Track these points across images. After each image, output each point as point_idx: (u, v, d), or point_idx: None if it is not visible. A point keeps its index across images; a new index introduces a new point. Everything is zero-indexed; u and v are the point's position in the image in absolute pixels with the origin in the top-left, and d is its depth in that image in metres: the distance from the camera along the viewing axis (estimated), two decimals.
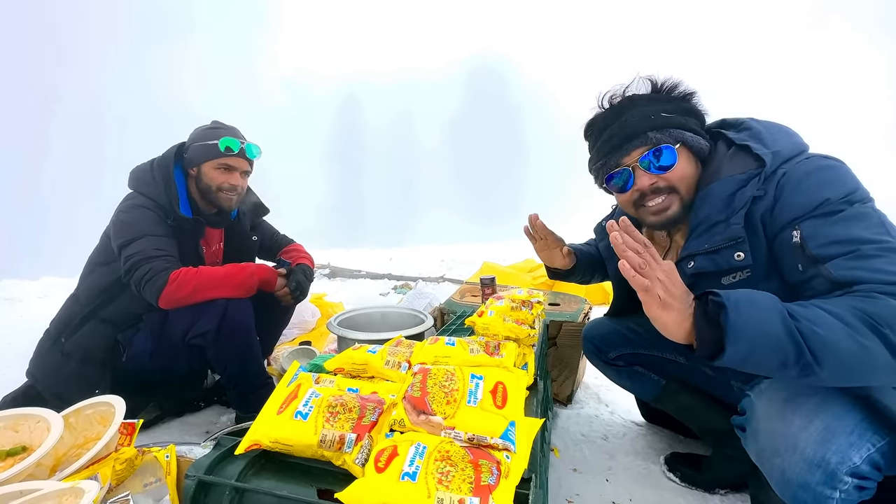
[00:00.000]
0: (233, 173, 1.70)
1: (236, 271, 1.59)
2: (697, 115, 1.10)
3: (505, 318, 1.09)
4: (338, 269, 5.73)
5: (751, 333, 0.73)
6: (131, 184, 1.67)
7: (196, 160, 1.69)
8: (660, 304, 0.78)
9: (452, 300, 2.20)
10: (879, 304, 0.73)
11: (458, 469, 0.57)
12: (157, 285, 1.48)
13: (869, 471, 0.81)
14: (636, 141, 1.04)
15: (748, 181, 0.97)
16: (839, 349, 0.71)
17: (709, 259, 1.00)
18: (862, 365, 0.72)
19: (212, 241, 1.85)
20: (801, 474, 0.82)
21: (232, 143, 1.67)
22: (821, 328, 0.72)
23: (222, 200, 1.72)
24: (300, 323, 2.82)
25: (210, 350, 1.56)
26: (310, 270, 1.87)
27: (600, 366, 1.61)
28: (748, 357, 0.74)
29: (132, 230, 1.55)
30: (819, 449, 0.81)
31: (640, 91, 1.11)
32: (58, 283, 5.20)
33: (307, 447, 0.66)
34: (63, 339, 1.60)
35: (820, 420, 0.82)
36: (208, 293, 1.52)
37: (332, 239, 12.32)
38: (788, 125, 1.09)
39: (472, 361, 0.83)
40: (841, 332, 0.71)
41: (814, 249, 0.85)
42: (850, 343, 0.71)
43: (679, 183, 1.06)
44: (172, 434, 1.72)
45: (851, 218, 0.85)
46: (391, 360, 0.84)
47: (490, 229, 13.13)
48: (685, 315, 0.79)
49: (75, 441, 0.92)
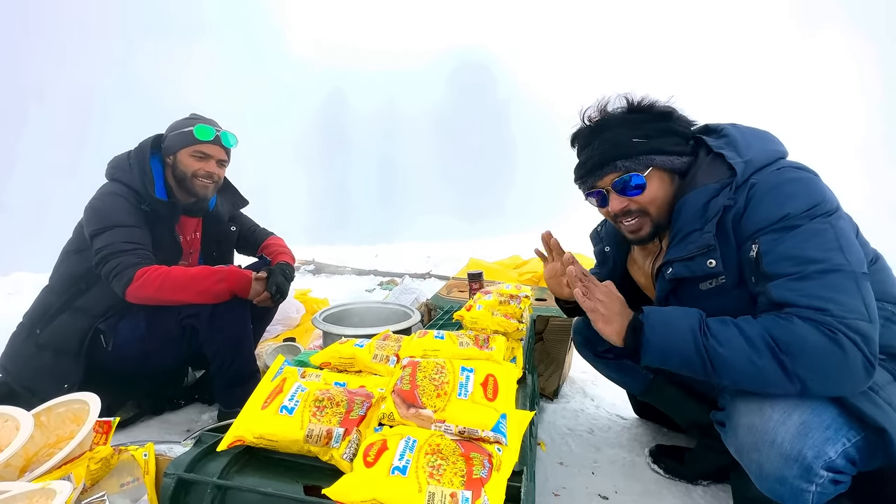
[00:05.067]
0: (208, 161, 1.70)
1: (204, 276, 1.54)
2: (675, 132, 1.10)
3: (493, 311, 1.08)
4: (322, 265, 5.66)
5: (662, 347, 0.92)
6: (108, 173, 1.66)
7: (172, 148, 1.69)
8: (603, 319, 1.01)
9: (440, 295, 2.19)
10: (789, 331, 0.82)
11: (450, 462, 0.56)
12: (122, 281, 1.46)
13: (844, 465, 0.84)
14: (607, 168, 1.07)
15: (721, 190, 0.99)
16: (735, 367, 0.85)
17: (684, 266, 1.03)
18: (754, 381, 0.85)
19: (188, 229, 1.83)
20: (779, 468, 0.85)
21: (207, 131, 1.67)
22: (724, 348, 0.86)
23: (197, 187, 1.70)
24: (284, 319, 2.77)
25: (203, 331, 1.55)
26: (290, 269, 1.83)
27: (590, 358, 1.62)
28: (662, 362, 0.93)
29: (103, 219, 1.54)
30: (796, 443, 0.84)
31: (618, 107, 1.11)
32: (29, 279, 5.01)
33: (293, 442, 0.64)
34: (38, 330, 1.56)
35: (797, 415, 0.86)
36: (171, 295, 1.49)
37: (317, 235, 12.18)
38: (770, 130, 1.11)
39: (462, 354, 0.82)
40: (742, 353, 0.84)
41: (765, 266, 0.89)
42: (746, 364, 0.84)
43: (649, 205, 1.09)
44: (151, 433, 1.67)
45: (807, 234, 0.88)
46: (379, 353, 0.82)
47: (476, 226, 13.17)
48: (622, 327, 0.99)
49: (47, 440, 0.88)
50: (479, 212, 19.79)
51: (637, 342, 0.95)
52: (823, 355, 0.79)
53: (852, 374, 0.80)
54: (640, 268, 1.32)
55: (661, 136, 1.07)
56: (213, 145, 1.69)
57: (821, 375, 0.81)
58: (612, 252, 1.39)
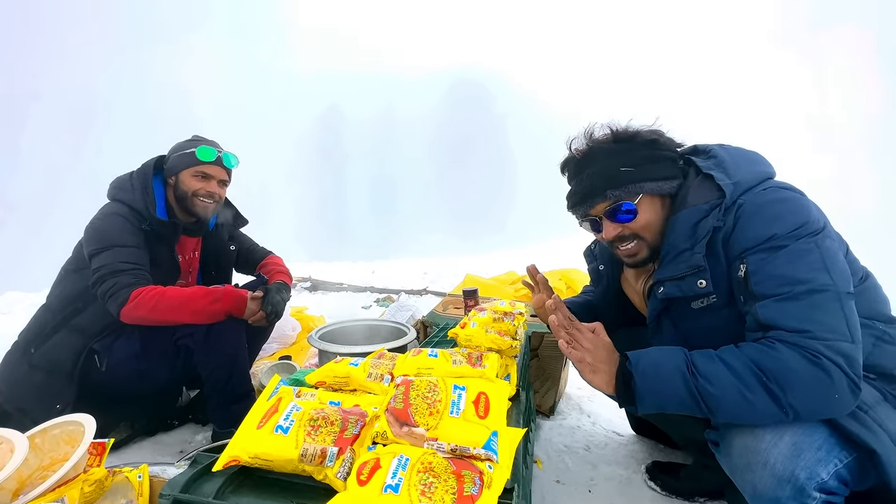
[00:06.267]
0: (209, 181, 1.73)
1: (199, 296, 1.54)
2: (663, 158, 1.12)
3: (487, 329, 1.09)
4: (319, 282, 5.66)
5: (655, 394, 0.90)
6: (109, 193, 1.69)
7: (174, 169, 1.72)
8: (590, 369, 0.96)
9: (435, 312, 2.20)
10: (774, 359, 0.83)
11: (441, 480, 0.57)
12: (117, 301, 1.47)
13: (836, 486, 0.85)
14: (597, 198, 1.09)
15: (710, 211, 1.01)
16: (729, 404, 0.85)
17: (675, 286, 1.05)
18: (747, 414, 0.86)
19: (187, 249, 1.84)
20: (772, 489, 0.86)
21: (209, 152, 1.71)
22: (713, 386, 0.85)
23: (198, 207, 1.72)
24: (280, 337, 2.76)
25: (198, 352, 1.55)
26: (286, 288, 1.84)
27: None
28: (658, 409, 0.91)
29: (103, 239, 1.55)
30: (788, 465, 0.84)
31: (604, 136, 1.12)
32: (22, 299, 4.98)
33: (288, 462, 0.64)
34: (32, 349, 1.56)
35: (789, 436, 0.86)
36: (165, 316, 1.50)
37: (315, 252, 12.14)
38: (758, 150, 1.13)
39: (455, 373, 0.83)
40: (731, 388, 0.84)
41: (753, 286, 0.91)
42: (740, 400, 0.84)
43: (643, 230, 1.10)
44: (145, 454, 1.65)
45: (793, 254, 0.90)
46: (374, 372, 0.83)
47: (474, 243, 13.20)
48: (611, 376, 0.95)
49: (41, 463, 0.88)
50: (477, 228, 19.86)
51: (629, 393, 0.92)
52: (810, 382, 0.80)
53: (840, 398, 0.81)
54: (633, 286, 1.33)
55: (648, 164, 1.09)
56: (214, 166, 1.73)
57: (810, 402, 0.82)
58: (606, 270, 1.40)
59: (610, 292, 1.40)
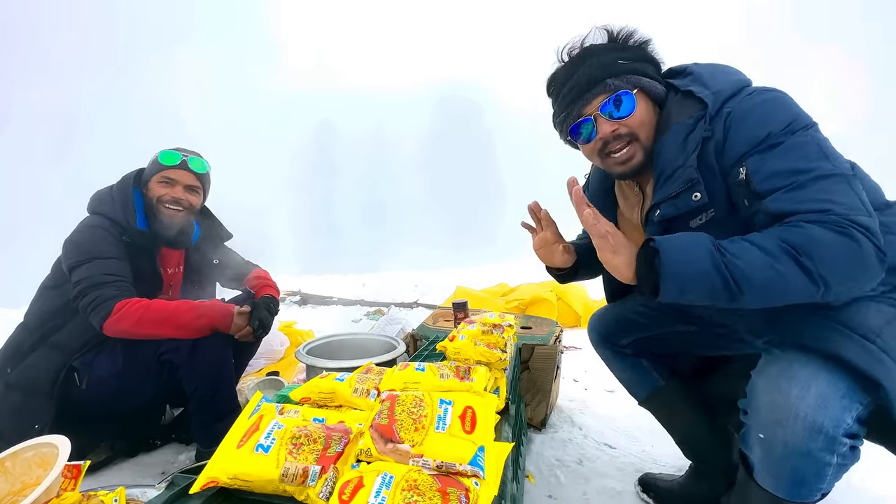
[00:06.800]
0: (174, 186, 1.69)
1: (185, 310, 1.51)
2: (653, 62, 1.14)
3: (476, 342, 1.08)
4: (309, 296, 5.60)
5: (681, 271, 0.85)
6: (90, 207, 1.66)
7: (145, 178, 1.71)
8: (611, 249, 0.94)
9: (425, 325, 2.18)
10: (801, 233, 0.81)
11: (426, 498, 0.56)
12: (100, 314, 1.44)
13: (858, 428, 0.86)
14: (596, 89, 1.07)
15: (696, 124, 1.01)
16: (757, 277, 0.82)
17: (671, 205, 1.03)
18: (778, 289, 0.82)
19: (170, 262, 1.81)
20: (804, 442, 0.85)
21: (172, 155, 1.69)
22: (742, 260, 0.82)
23: (164, 215, 1.68)
24: (267, 352, 2.72)
25: (183, 367, 1.51)
26: (274, 302, 1.82)
27: (607, 355, 1.51)
28: (682, 291, 0.86)
29: (82, 252, 1.52)
30: (818, 416, 0.84)
31: (598, 41, 1.13)
32: (2, 315, 4.85)
33: (268, 482, 0.62)
34: (9, 369, 1.51)
35: (815, 388, 0.86)
36: (150, 329, 1.47)
37: (305, 265, 12.05)
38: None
39: (442, 387, 0.82)
40: (761, 262, 0.81)
41: (756, 185, 0.90)
42: (768, 271, 0.81)
43: (639, 129, 1.09)
44: (124, 476, 1.60)
45: (791, 148, 0.90)
46: (360, 387, 0.82)
47: (464, 255, 13.21)
48: (631, 258, 0.93)
49: (11, 488, 0.85)
50: (467, 240, 19.91)
51: (653, 273, 0.87)
52: (840, 250, 0.80)
53: (868, 266, 0.81)
54: (629, 221, 1.30)
55: (644, 62, 1.10)
56: (178, 170, 1.70)
57: (841, 272, 0.81)
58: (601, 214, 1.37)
59: None
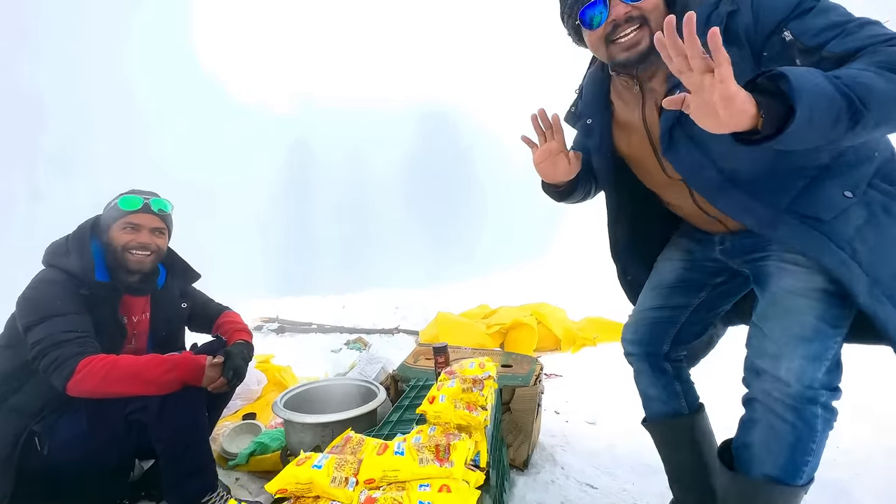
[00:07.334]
0: (139, 232, 1.63)
1: (153, 365, 1.46)
2: None
3: (456, 403, 1.09)
4: (287, 324, 5.49)
5: (811, 91, 0.78)
6: (44, 259, 1.58)
7: (104, 226, 1.64)
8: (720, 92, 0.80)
9: (406, 365, 2.17)
10: (888, 53, 0.84)
11: None
12: (63, 374, 1.36)
13: (837, 371, 0.97)
14: None
15: (718, 3, 1.05)
16: (879, 91, 0.80)
17: None
18: None
19: (134, 310, 1.73)
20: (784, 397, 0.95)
21: (133, 200, 1.62)
22: (861, 78, 0.81)
23: (132, 262, 1.62)
24: (244, 392, 2.63)
25: (152, 426, 1.45)
26: (249, 348, 1.76)
27: (643, 368, 1.41)
28: (811, 117, 0.78)
29: (39, 309, 1.44)
30: (800, 378, 0.94)
31: None
32: None
33: None
34: None
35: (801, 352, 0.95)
36: (117, 387, 1.40)
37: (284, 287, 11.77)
38: None
39: (422, 474, 0.82)
40: (875, 78, 0.81)
41: (807, 42, 0.94)
42: (885, 84, 0.80)
43: (651, 13, 1.09)
44: None
45: (824, 10, 0.96)
46: (338, 476, 0.81)
47: (443, 271, 13.21)
48: (743, 92, 0.81)
49: None
50: (448, 257, 20.00)
51: (780, 104, 0.80)
52: None
53: None
54: (628, 125, 1.27)
55: None
56: (142, 214, 1.64)
57: None
58: (595, 122, 1.34)
59: (604, 143, 1.34)
